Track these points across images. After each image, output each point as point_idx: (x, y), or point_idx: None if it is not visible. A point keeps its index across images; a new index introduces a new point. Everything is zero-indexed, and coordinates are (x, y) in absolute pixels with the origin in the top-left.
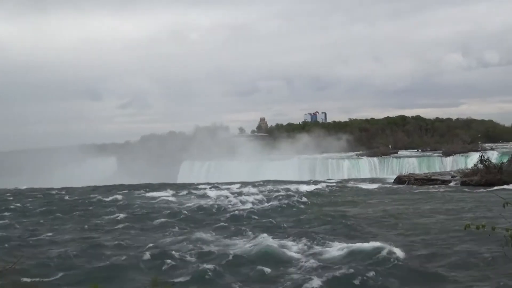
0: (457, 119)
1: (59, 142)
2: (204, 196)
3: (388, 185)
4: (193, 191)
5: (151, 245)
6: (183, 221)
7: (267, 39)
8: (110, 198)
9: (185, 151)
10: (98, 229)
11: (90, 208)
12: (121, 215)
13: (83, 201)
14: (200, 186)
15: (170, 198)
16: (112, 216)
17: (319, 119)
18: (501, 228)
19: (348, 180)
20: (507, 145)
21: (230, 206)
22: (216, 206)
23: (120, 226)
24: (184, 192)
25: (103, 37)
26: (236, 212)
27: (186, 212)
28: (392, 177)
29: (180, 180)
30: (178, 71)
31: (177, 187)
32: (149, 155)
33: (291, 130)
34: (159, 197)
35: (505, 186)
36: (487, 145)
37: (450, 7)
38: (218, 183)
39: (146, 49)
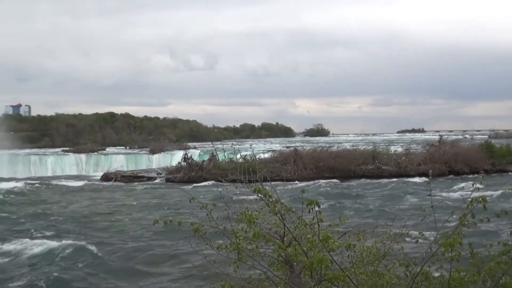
0: (164, 118)
1: None
2: None
3: (94, 183)
4: None
5: None
6: None
7: None
8: None
9: None
10: None
11: None
12: None
13: None
14: None
15: None
16: None
17: (22, 112)
18: (188, 222)
19: (52, 178)
20: (209, 144)
21: None
22: None
23: None
24: None
25: None
26: None
27: None
28: (99, 174)
29: None
30: None
31: None
32: None
33: None
34: None
35: (206, 183)
36: (191, 144)
37: (155, 11)
38: None
39: None
